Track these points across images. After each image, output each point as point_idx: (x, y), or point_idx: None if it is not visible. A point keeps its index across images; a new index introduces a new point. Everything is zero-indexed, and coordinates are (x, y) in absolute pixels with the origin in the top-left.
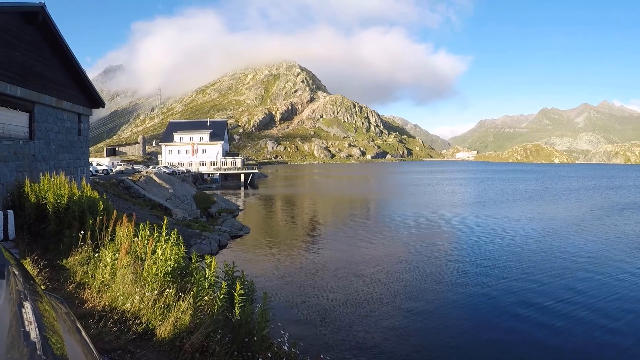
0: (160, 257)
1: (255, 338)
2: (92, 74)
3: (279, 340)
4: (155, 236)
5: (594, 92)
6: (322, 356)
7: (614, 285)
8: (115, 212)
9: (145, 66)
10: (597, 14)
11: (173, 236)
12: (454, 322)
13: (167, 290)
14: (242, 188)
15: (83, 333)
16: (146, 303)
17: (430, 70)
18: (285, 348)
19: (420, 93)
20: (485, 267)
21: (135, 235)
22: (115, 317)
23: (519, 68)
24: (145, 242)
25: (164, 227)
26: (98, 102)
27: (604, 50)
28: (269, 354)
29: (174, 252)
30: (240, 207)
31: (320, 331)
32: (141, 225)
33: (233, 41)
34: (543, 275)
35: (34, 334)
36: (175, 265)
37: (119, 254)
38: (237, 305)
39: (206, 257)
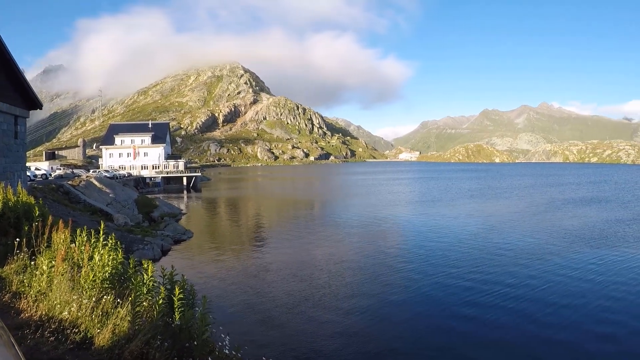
0: (98, 263)
1: (195, 343)
2: (30, 74)
3: (221, 344)
4: (92, 242)
5: (533, 94)
6: (264, 359)
7: (552, 277)
8: (51, 218)
9: (87, 66)
10: (536, 20)
11: (111, 241)
12: (398, 321)
13: (105, 297)
14: (185, 191)
15: (17, 348)
16: (84, 311)
17: (378, 75)
18: (227, 352)
19: (368, 97)
20: (429, 265)
21: (72, 241)
22: (53, 327)
23: (461, 71)
24: (82, 248)
25: (101, 232)
26: (36, 104)
27: (543, 53)
28: (210, 359)
29: (111, 257)
30: (183, 211)
31: (265, 334)
32: (78, 231)
33: (180, 41)
34: (484, 270)
35: None
36: (113, 271)
37: (55, 261)
38: (177, 310)
39: (144, 262)
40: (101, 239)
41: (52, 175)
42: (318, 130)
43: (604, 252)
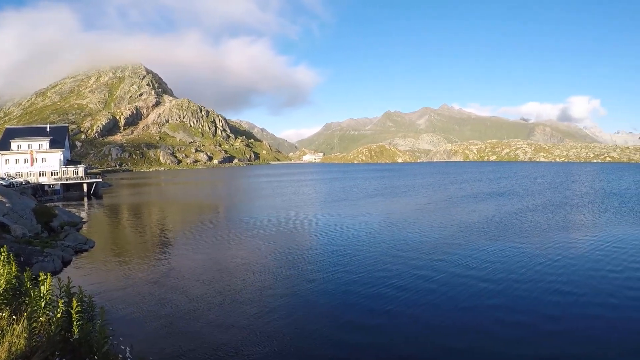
0: None
1: (96, 357)
2: None
3: (122, 356)
4: None
5: (434, 96)
6: None
7: (449, 268)
8: None
9: None
10: (437, 24)
11: (3, 254)
12: (302, 320)
13: (0, 313)
14: (86, 199)
15: None
16: None
17: (290, 81)
18: None
19: (277, 102)
20: (334, 263)
21: None
22: None
23: (366, 74)
24: None
25: None
26: None
27: (444, 57)
28: None
29: (5, 271)
30: (84, 220)
31: (168, 342)
32: None
33: (87, 40)
34: (387, 265)
35: None
36: (7, 285)
37: None
38: (75, 323)
39: (41, 274)
40: None
41: None
42: (222, 133)
43: (499, 243)
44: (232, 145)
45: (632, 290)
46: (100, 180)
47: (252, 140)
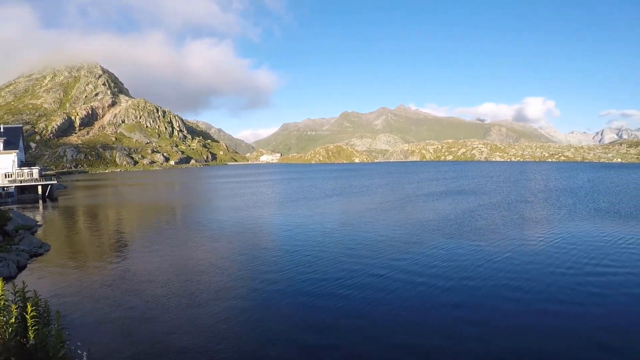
0: None
1: None
2: None
3: None
4: None
5: (391, 97)
6: None
7: (406, 266)
8: None
9: None
10: (393, 27)
11: None
12: (258, 320)
13: None
14: (41, 201)
15: None
16: None
17: (251, 84)
18: None
19: (238, 104)
20: (290, 262)
21: None
22: None
23: (324, 75)
24: None
25: None
26: None
27: (401, 58)
28: None
29: None
30: (39, 223)
31: (126, 345)
32: None
33: (45, 38)
34: (343, 263)
35: None
36: None
37: None
38: (31, 328)
39: None
40: None
41: None
42: (178, 134)
43: (456, 241)
44: (189, 146)
45: (588, 286)
46: (55, 182)
47: (209, 140)
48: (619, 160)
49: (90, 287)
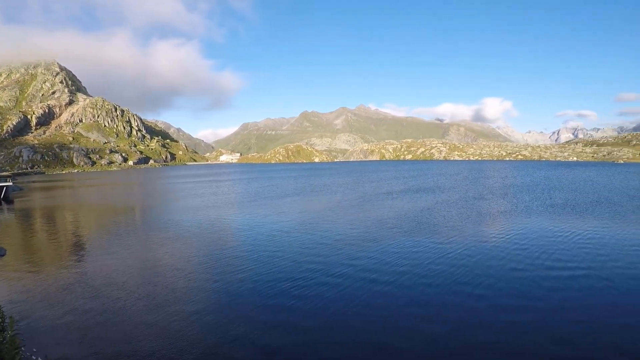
0: None
1: None
2: None
3: None
4: None
5: (351, 97)
6: None
7: (366, 265)
8: None
9: None
10: (355, 28)
11: None
12: (220, 324)
13: None
14: None
15: None
16: None
17: (214, 85)
18: None
19: (200, 105)
20: (252, 261)
21: None
22: None
23: (285, 76)
24: None
25: None
26: None
27: (361, 59)
28: None
29: None
30: None
31: (83, 350)
32: None
33: (3, 35)
34: (308, 262)
35: None
36: None
37: None
38: None
39: None
40: None
41: None
42: (137, 134)
43: (414, 238)
44: (148, 145)
45: (546, 280)
46: (11, 183)
47: (168, 140)
48: (575, 158)
49: (46, 291)
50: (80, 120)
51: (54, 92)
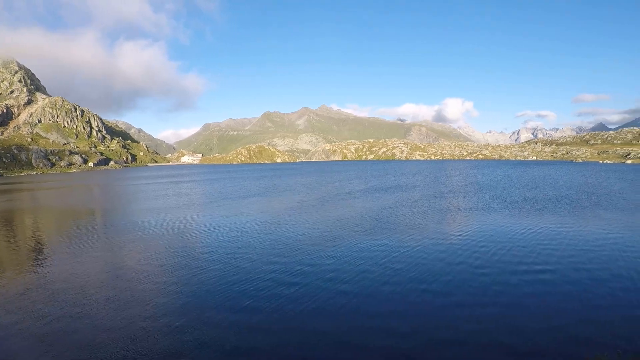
0: None
1: None
2: None
3: None
4: None
5: (314, 97)
6: None
7: (330, 264)
8: None
9: None
10: (318, 28)
11: None
12: (185, 328)
13: None
14: None
15: None
16: None
17: (178, 87)
18: None
19: (164, 107)
20: (216, 263)
21: None
22: None
23: (248, 76)
24: None
25: None
26: None
27: (323, 59)
28: None
29: None
30: None
31: (43, 357)
32: None
33: None
34: (272, 263)
35: None
36: None
37: None
38: None
39: None
40: None
41: None
42: (97, 134)
43: (375, 237)
44: (108, 146)
45: (505, 276)
46: None
47: (129, 141)
48: (534, 158)
49: (3, 297)
50: (39, 121)
51: (12, 92)
